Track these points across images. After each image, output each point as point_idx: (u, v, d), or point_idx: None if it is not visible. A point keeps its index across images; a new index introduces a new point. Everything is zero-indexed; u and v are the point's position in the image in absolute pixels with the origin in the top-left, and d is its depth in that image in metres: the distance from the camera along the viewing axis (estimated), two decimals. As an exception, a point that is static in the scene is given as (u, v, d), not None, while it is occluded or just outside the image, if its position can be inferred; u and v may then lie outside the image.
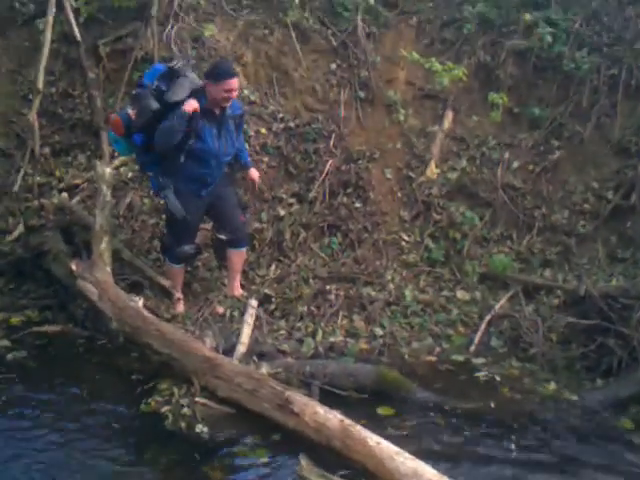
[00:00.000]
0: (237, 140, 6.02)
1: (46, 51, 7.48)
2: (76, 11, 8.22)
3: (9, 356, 5.55)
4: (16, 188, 7.50)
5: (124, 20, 8.38)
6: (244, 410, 4.63)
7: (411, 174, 7.40)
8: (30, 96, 7.74)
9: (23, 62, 8.51)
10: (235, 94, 5.73)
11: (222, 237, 6.17)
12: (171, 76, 5.69)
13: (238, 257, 6.32)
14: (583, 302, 5.70)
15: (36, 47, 7.89)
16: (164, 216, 6.28)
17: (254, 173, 6.35)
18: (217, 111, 5.74)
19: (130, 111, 5.74)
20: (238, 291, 6.34)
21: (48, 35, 7.51)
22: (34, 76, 7.55)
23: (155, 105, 5.57)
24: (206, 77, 5.70)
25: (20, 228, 7.04)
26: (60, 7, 7.76)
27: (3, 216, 7.43)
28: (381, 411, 4.79)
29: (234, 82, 5.63)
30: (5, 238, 7.11)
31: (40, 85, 7.38)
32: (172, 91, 5.59)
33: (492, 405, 4.84)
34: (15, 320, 6.15)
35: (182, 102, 5.55)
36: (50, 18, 7.49)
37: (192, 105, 5.50)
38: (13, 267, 6.85)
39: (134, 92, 5.88)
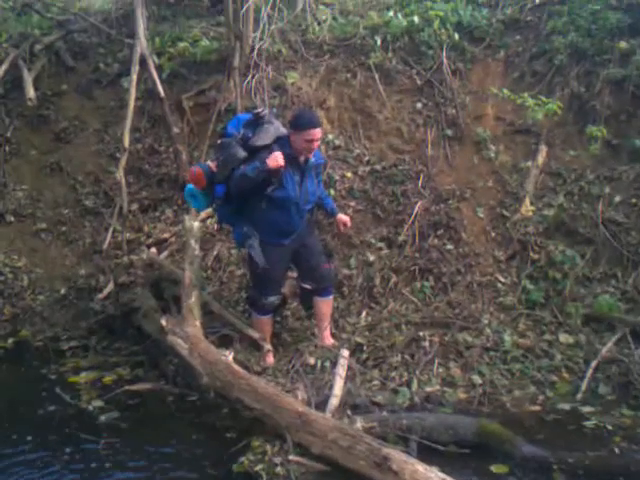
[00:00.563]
0: (318, 189, 5.98)
1: (131, 109, 7.67)
2: (159, 68, 8.41)
3: (102, 418, 5.50)
4: (105, 245, 7.62)
5: (206, 73, 8.60)
6: (340, 468, 4.42)
7: (505, 212, 7.10)
8: (117, 154, 7.88)
9: (109, 121, 8.77)
10: (317, 144, 5.69)
11: (307, 287, 6.08)
12: (256, 123, 5.69)
13: (326, 306, 6.18)
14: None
15: (121, 106, 8.15)
16: (248, 268, 6.18)
17: (343, 217, 6.20)
18: (301, 159, 5.70)
19: (210, 163, 5.80)
20: (329, 340, 6.16)
21: (133, 93, 7.72)
22: (120, 134, 7.69)
23: (242, 153, 5.56)
24: (290, 126, 5.68)
25: (110, 286, 7.18)
26: (143, 65, 7.91)
27: (94, 274, 7.61)
28: (495, 469, 4.47)
29: (317, 132, 5.58)
30: (96, 296, 7.24)
31: (126, 143, 7.54)
32: (257, 136, 5.60)
33: (605, 457, 4.49)
34: (107, 379, 6.18)
35: (267, 147, 5.54)
36: (134, 76, 7.65)
37: (277, 161, 5.46)
38: (104, 325, 6.99)
39: (219, 141, 5.87)
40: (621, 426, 4.93)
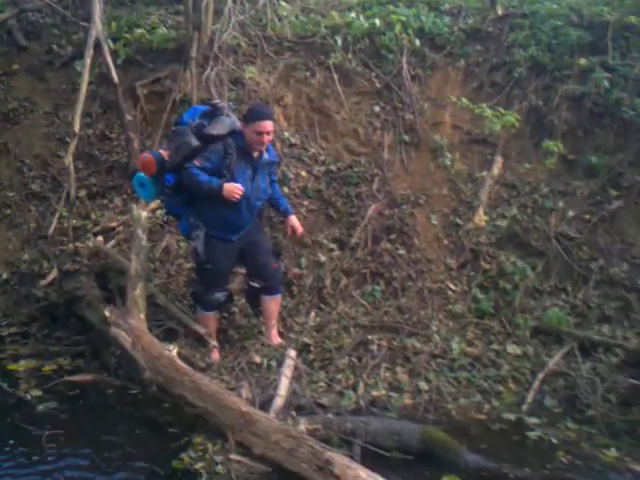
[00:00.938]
0: (271, 187, 5.95)
1: (83, 93, 7.46)
2: (114, 53, 8.27)
3: (40, 407, 5.40)
4: (51, 231, 7.40)
5: (162, 62, 8.46)
6: (282, 469, 4.34)
7: (458, 221, 7.08)
8: (67, 138, 7.66)
9: (60, 104, 8.56)
10: (269, 138, 5.64)
11: (255, 285, 6.00)
12: (213, 114, 5.67)
13: (273, 304, 6.12)
14: (644, 362, 5.29)
15: (73, 89, 7.98)
16: (194, 263, 6.11)
17: (294, 221, 6.13)
18: (254, 154, 5.66)
19: (163, 151, 5.74)
20: (276, 339, 6.09)
21: (85, 77, 7.51)
22: (71, 118, 7.48)
23: (195, 142, 5.55)
24: (242, 119, 5.66)
25: (54, 273, 6.99)
26: (98, 49, 7.71)
27: (37, 260, 7.41)
28: (447, 480, 4.39)
29: (267, 124, 5.56)
30: (39, 283, 7.05)
31: (77, 128, 7.33)
32: (212, 125, 5.58)
33: (549, 472, 4.46)
34: (47, 369, 6.07)
35: (221, 137, 5.53)
36: (87, 60, 7.44)
37: (233, 194, 5.46)
38: (46, 313, 6.82)
39: (172, 129, 5.85)
40: (566, 440, 4.94)
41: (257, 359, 5.89)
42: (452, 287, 6.66)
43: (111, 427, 5.15)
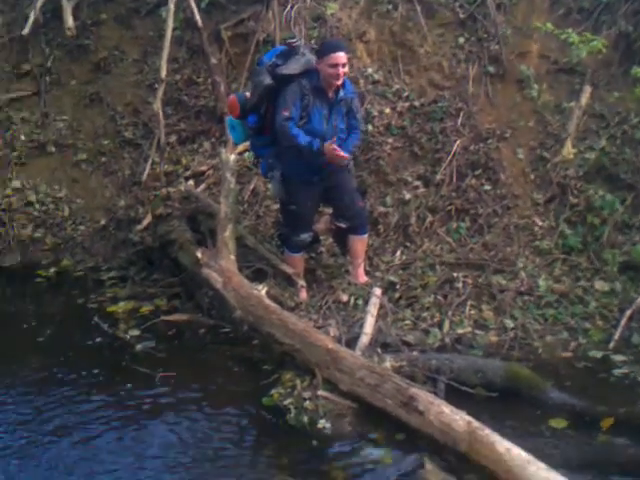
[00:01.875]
0: (350, 124, 5.86)
1: (168, 39, 7.60)
2: (198, -4, 8.27)
3: (138, 346, 5.69)
4: (144, 177, 7.65)
5: (245, 3, 8.47)
6: (367, 405, 4.48)
7: (545, 154, 6.94)
8: (156, 85, 7.82)
9: (148, 51, 8.72)
10: (342, 70, 5.51)
11: (341, 225, 6.04)
12: (289, 54, 5.64)
13: (360, 244, 6.18)
14: None
15: (160, 36, 8.07)
16: (279, 206, 6.21)
17: (331, 149, 5.64)
18: (330, 93, 5.64)
19: (248, 93, 5.81)
20: (363, 278, 6.19)
21: (170, 23, 7.62)
22: (158, 65, 7.60)
23: (268, 80, 5.55)
24: (316, 56, 5.61)
25: (148, 217, 7.21)
26: (182, -7, 7.79)
27: (133, 206, 7.69)
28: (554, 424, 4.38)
29: (340, 56, 5.46)
30: (135, 227, 7.36)
31: (163, 74, 7.49)
32: (286, 65, 5.56)
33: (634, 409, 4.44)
34: (145, 309, 6.33)
35: (294, 76, 5.51)
36: (172, 5, 7.54)
37: (335, 156, 5.47)
38: (143, 256, 7.10)
39: (257, 66, 5.87)
40: (652, 377, 4.89)
41: (344, 298, 6.01)
42: (539, 223, 6.57)
43: (205, 366, 5.42)
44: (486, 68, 7.60)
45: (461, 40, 7.82)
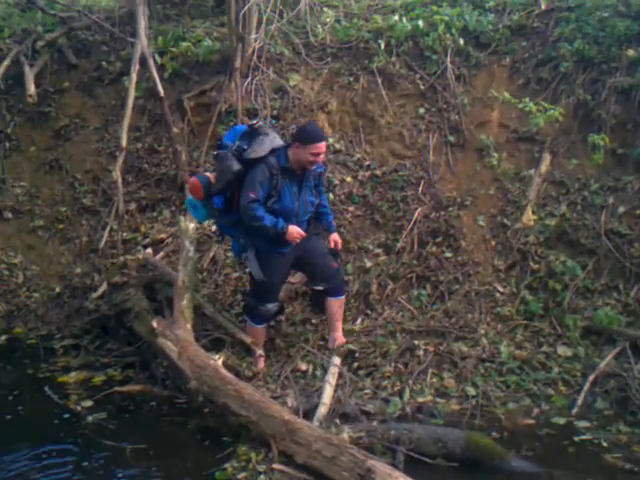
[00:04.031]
0: (319, 197, 5.95)
1: (130, 108, 7.62)
2: (161, 67, 8.38)
3: (90, 418, 5.49)
4: (102, 245, 7.57)
5: (208, 74, 8.55)
6: (324, 478, 4.33)
7: (506, 221, 6.95)
8: (116, 153, 7.77)
9: (110, 120, 8.75)
10: (322, 157, 5.68)
11: (319, 288, 5.97)
12: (252, 135, 5.66)
13: (338, 305, 6.12)
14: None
15: (123, 104, 8.07)
16: (248, 276, 6.13)
17: (336, 237, 6.11)
18: (298, 171, 5.67)
19: (209, 174, 5.80)
20: (342, 340, 6.10)
21: (132, 92, 7.65)
22: (119, 133, 7.59)
23: (237, 166, 5.55)
24: (294, 139, 5.66)
25: (104, 285, 7.10)
26: (145, 64, 7.83)
27: (89, 273, 7.59)
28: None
29: (323, 146, 5.63)
30: (91, 295, 7.21)
31: (124, 142, 7.46)
32: (252, 148, 5.57)
33: (598, 477, 4.35)
34: (97, 379, 6.19)
35: (260, 159, 5.52)
36: (133, 75, 7.58)
37: (295, 238, 5.56)
38: (98, 325, 6.95)
39: (215, 153, 5.85)
40: (617, 443, 4.81)
41: (303, 367, 5.93)
42: (500, 289, 6.54)
43: (158, 438, 5.22)
44: (446, 137, 7.67)
45: (421, 110, 7.90)
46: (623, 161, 6.97)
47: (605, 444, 4.78)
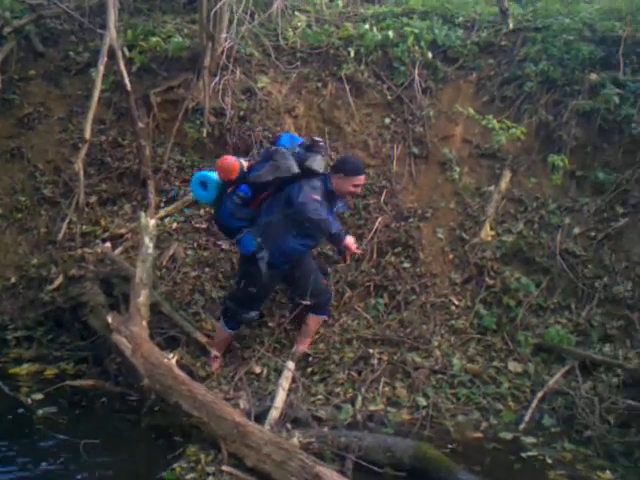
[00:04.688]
0: None
1: (95, 100, 7.52)
2: (129, 61, 8.31)
3: (40, 411, 5.47)
4: (60, 236, 7.48)
5: (176, 70, 8.51)
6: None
7: (464, 235, 7.05)
8: (80, 145, 7.70)
9: (75, 110, 8.63)
10: (359, 190, 6.07)
11: (307, 302, 5.98)
12: (310, 149, 5.85)
13: (318, 323, 6.26)
14: (645, 383, 5.23)
15: (88, 96, 7.95)
16: (240, 280, 6.04)
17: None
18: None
19: (244, 161, 5.86)
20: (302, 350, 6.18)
21: (98, 84, 7.55)
22: (83, 125, 7.51)
23: (296, 169, 5.68)
24: (336, 170, 5.89)
25: (61, 278, 7.04)
26: (113, 57, 7.76)
27: (46, 264, 7.47)
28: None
29: (364, 178, 6.08)
30: (46, 287, 7.13)
31: (87, 134, 7.37)
32: (313, 160, 5.73)
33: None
34: (50, 372, 6.18)
35: (319, 174, 5.71)
36: (101, 67, 7.50)
37: (352, 250, 5.71)
38: (52, 317, 6.92)
39: (272, 148, 5.92)
40: (561, 460, 4.90)
41: (257, 369, 5.95)
42: (455, 302, 6.62)
43: (109, 434, 5.19)
44: (410, 149, 7.74)
45: (387, 120, 7.97)
46: (581, 183, 7.10)
47: (550, 461, 4.86)
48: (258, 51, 8.45)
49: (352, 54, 8.17)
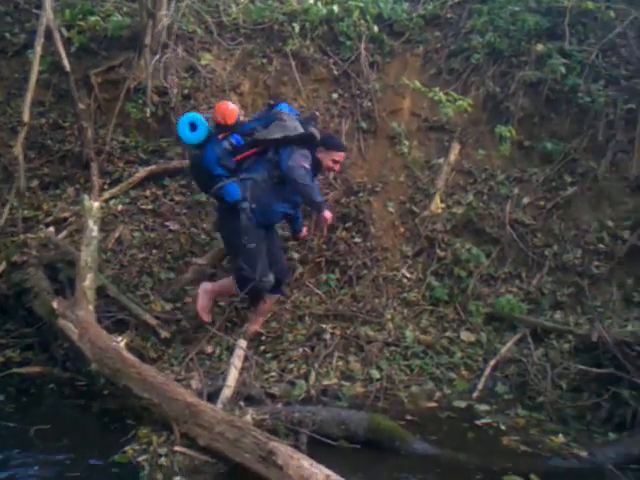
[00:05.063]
0: None
1: (33, 82, 7.26)
2: (68, 41, 8.09)
3: (-13, 400, 5.31)
4: (1, 222, 7.23)
5: (117, 50, 8.29)
6: (226, 460, 4.26)
7: (414, 208, 7.04)
8: (18, 128, 7.46)
9: (13, 93, 8.37)
10: (339, 167, 6.16)
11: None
12: (308, 120, 6.01)
13: (272, 302, 6.20)
14: (596, 348, 5.26)
15: (26, 78, 7.67)
16: (240, 252, 5.80)
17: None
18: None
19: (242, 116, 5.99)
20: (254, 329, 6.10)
21: (36, 66, 7.29)
22: (22, 107, 7.29)
23: (301, 129, 5.77)
24: (320, 143, 5.92)
25: (3, 264, 6.78)
26: (51, 37, 7.52)
27: (-13, 251, 7.16)
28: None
29: (343, 155, 6.12)
30: (-12, 274, 6.87)
31: (26, 117, 7.13)
32: (314, 128, 5.92)
33: (495, 459, 4.41)
34: (-4, 360, 6.00)
35: (311, 144, 5.81)
36: (38, 48, 7.25)
37: (328, 220, 5.79)
38: (-4, 304, 6.67)
39: (277, 108, 5.95)
40: (514, 426, 4.92)
41: (209, 349, 5.87)
42: (407, 275, 6.61)
43: (58, 420, 5.05)
44: (359, 124, 7.70)
45: (335, 96, 7.91)
46: (529, 153, 7.16)
47: (503, 427, 4.88)
48: (200, 28, 8.31)
49: (297, 29, 8.08)
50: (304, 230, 6.42)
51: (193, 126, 5.88)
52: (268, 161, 5.78)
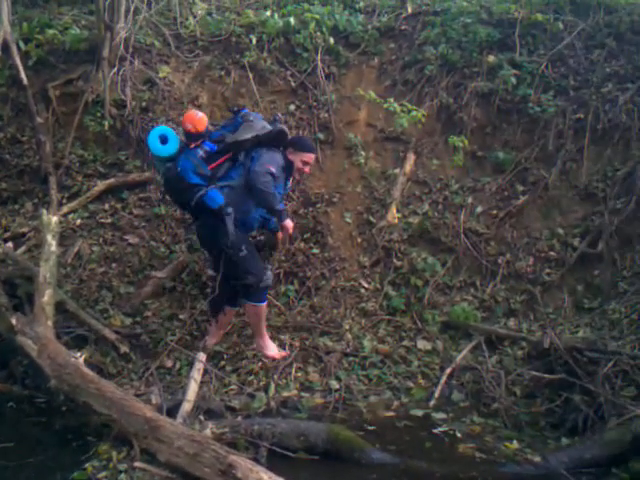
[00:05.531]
0: None
1: (-10, 97, 7.21)
2: (25, 54, 8.06)
3: (-58, 419, 5.27)
4: (-41, 238, 7.19)
5: (75, 63, 8.27)
6: (186, 475, 4.29)
7: (371, 218, 7.15)
8: (-24, 143, 7.45)
9: (-30, 108, 8.26)
10: (309, 169, 6.17)
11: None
12: (271, 123, 5.96)
13: (231, 314, 6.19)
14: (548, 354, 5.41)
15: (-17, 93, 7.66)
16: (239, 263, 5.79)
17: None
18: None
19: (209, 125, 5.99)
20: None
21: (-7, 80, 7.26)
22: (-20, 122, 7.27)
23: (269, 127, 5.82)
24: (290, 145, 5.98)
25: (-40, 281, 6.71)
26: (7, 51, 7.51)
27: (-55, 267, 7.10)
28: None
29: (313, 157, 6.12)
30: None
31: (-17, 132, 7.09)
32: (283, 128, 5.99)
33: (452, 467, 4.50)
34: (-48, 378, 5.91)
35: (283, 147, 5.92)
36: (-7, 62, 7.23)
37: (288, 230, 5.94)
38: (-48, 321, 6.54)
39: (244, 110, 6.00)
40: (470, 434, 5.00)
41: (168, 363, 5.89)
42: (365, 285, 6.71)
43: (18, 438, 5.05)
44: (316, 135, 7.77)
45: (292, 107, 7.99)
46: (482, 163, 7.33)
47: (460, 435, 4.95)
48: (158, 40, 8.33)
49: (254, 42, 8.16)
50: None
51: (163, 139, 5.87)
52: (241, 165, 5.79)
